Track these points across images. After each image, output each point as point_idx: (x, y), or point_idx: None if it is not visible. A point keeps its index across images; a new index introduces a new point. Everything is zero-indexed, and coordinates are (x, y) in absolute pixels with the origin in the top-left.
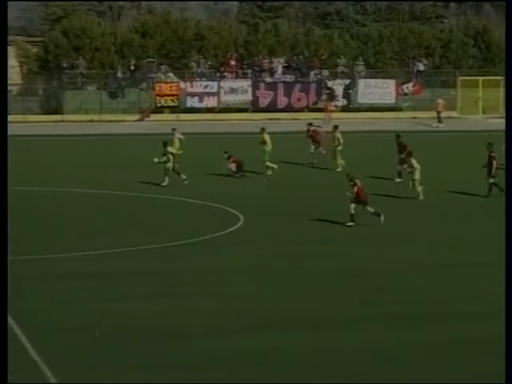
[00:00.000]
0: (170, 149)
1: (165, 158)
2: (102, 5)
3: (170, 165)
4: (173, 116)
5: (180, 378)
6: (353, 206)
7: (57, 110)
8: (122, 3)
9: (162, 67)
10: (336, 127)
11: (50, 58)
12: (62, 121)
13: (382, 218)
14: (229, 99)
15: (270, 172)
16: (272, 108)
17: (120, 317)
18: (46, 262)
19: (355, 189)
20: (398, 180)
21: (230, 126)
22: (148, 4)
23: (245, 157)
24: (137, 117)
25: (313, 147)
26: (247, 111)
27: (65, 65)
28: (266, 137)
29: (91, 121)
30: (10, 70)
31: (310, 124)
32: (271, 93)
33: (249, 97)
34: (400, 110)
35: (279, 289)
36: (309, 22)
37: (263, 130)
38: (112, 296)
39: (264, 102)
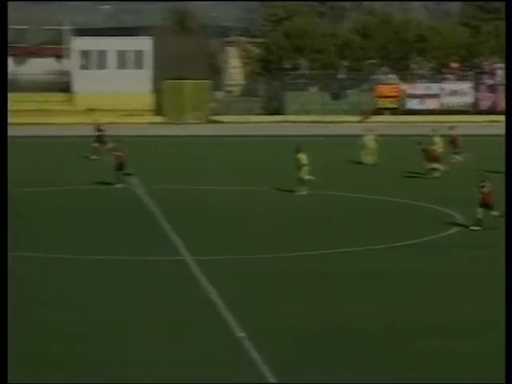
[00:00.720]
0: (301, 155)
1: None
2: (322, 5)
3: (303, 174)
4: (393, 118)
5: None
6: (479, 210)
7: (278, 111)
8: (343, 4)
9: (383, 68)
10: None
11: (273, 59)
12: (285, 121)
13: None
14: (449, 101)
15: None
16: (492, 110)
17: (353, 318)
18: (277, 261)
19: (484, 191)
20: None
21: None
22: (369, 4)
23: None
24: (357, 118)
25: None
26: (467, 113)
27: (287, 66)
28: (437, 139)
29: (314, 122)
30: (232, 71)
31: (451, 127)
32: (492, 95)
33: (469, 99)
34: None
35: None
36: None
37: (435, 130)
38: (347, 296)
39: (485, 104)
